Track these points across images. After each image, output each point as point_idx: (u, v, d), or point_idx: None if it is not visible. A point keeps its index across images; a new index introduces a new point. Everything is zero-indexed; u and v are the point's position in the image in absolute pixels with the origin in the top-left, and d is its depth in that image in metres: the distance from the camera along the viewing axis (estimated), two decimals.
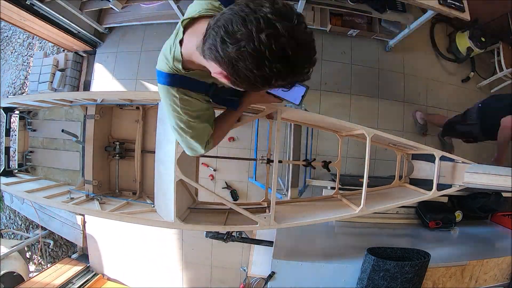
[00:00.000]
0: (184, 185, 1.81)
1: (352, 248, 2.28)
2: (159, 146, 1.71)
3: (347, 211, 1.76)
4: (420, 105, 3.42)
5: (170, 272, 3.41)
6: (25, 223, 4.16)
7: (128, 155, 2.22)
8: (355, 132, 1.81)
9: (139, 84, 3.40)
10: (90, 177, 2.07)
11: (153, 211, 1.77)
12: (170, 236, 3.33)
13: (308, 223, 1.66)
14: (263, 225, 1.57)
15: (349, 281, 1.91)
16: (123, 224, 3.30)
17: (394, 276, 1.78)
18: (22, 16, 2.82)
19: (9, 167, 2.28)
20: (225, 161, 3.12)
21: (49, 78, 3.50)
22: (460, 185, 1.71)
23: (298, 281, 1.92)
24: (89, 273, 3.50)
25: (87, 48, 3.54)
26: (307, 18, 3.24)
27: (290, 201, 2.08)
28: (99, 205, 1.84)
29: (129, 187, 2.24)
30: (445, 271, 1.99)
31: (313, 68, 0.72)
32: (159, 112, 1.72)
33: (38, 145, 2.43)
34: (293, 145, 2.11)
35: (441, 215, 2.69)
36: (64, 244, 3.91)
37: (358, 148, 3.15)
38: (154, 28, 3.44)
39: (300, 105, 1.32)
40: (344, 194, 2.12)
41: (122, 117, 2.23)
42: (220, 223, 1.68)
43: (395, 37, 3.26)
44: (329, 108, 3.24)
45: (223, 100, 1.18)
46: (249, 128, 3.15)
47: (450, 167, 1.82)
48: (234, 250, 3.26)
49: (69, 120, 2.36)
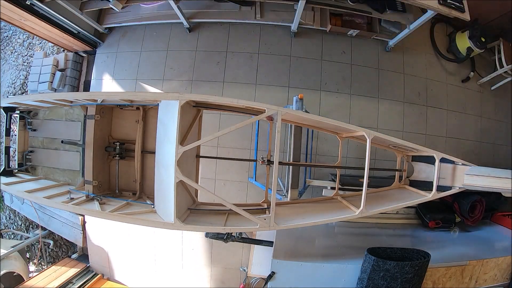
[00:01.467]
0: (184, 186, 1.81)
1: (352, 248, 2.29)
2: (159, 147, 1.71)
3: (347, 213, 1.76)
4: (420, 105, 3.43)
5: (170, 272, 3.42)
6: (25, 223, 4.16)
7: (128, 156, 2.21)
8: (356, 134, 1.81)
9: (139, 84, 3.39)
10: (90, 177, 2.07)
11: (153, 211, 1.77)
12: (170, 236, 3.33)
13: (307, 224, 1.67)
14: (263, 227, 1.58)
15: (349, 281, 1.92)
16: (123, 224, 3.32)
17: (394, 276, 1.79)
18: (22, 16, 2.81)
19: (9, 167, 2.28)
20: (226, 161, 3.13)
21: (49, 78, 3.49)
22: (460, 187, 1.71)
23: (298, 281, 1.92)
24: (89, 273, 3.51)
25: (87, 48, 3.54)
26: (307, 18, 3.24)
27: (290, 202, 2.08)
28: (99, 206, 1.83)
29: (129, 188, 2.24)
30: (445, 271, 2.00)
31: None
32: (160, 112, 1.72)
33: (38, 145, 2.42)
34: (294, 146, 2.11)
35: (441, 215, 2.69)
36: (64, 244, 3.91)
37: (358, 148, 3.15)
38: (154, 28, 3.44)
39: None
40: (344, 195, 2.13)
41: (122, 118, 2.22)
42: (220, 224, 1.69)
43: (395, 37, 3.25)
44: (329, 108, 3.24)
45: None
46: (249, 129, 3.15)
47: (450, 169, 1.82)
48: (234, 250, 3.27)
49: (69, 120, 2.35)
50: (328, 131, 2.15)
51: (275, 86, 3.27)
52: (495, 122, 3.68)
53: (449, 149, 3.45)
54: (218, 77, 3.31)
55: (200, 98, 1.65)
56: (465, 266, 2.05)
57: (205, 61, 3.34)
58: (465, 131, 3.55)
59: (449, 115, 3.50)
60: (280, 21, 3.25)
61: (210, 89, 3.29)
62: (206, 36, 3.39)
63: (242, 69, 3.31)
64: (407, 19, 2.99)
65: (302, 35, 3.34)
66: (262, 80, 3.28)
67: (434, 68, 3.56)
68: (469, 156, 3.51)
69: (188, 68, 3.34)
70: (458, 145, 3.50)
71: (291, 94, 3.21)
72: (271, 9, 3.26)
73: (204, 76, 3.32)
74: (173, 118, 1.48)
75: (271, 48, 3.33)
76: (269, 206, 1.77)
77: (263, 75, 3.29)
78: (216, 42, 3.36)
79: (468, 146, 3.55)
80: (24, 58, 4.37)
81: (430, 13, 2.68)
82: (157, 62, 3.39)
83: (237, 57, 3.33)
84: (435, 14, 2.66)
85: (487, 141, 3.63)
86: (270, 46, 3.34)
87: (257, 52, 3.32)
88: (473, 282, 2.12)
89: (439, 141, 3.45)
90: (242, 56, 3.33)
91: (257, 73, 3.29)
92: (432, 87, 3.48)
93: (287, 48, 3.33)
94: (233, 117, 3.10)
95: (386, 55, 3.42)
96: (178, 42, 3.40)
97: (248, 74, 3.30)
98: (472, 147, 3.56)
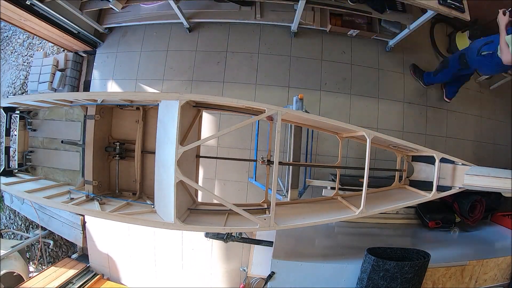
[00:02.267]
0: (184, 186, 1.81)
1: (352, 248, 2.29)
2: (159, 147, 1.71)
3: (346, 213, 1.76)
4: (420, 105, 3.43)
5: (170, 272, 3.42)
6: (25, 223, 4.16)
7: (128, 156, 2.21)
8: (356, 134, 1.81)
9: (138, 84, 3.39)
10: (90, 177, 2.07)
11: (153, 211, 1.77)
12: (170, 236, 3.33)
13: (307, 225, 1.67)
14: (263, 227, 1.58)
15: (349, 281, 1.91)
16: (123, 224, 3.32)
17: (394, 276, 1.79)
18: (22, 16, 2.81)
19: (9, 167, 2.28)
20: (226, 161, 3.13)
21: (49, 78, 3.49)
22: (460, 187, 1.71)
23: (298, 281, 1.92)
24: (89, 273, 3.51)
25: (87, 48, 3.54)
26: (307, 18, 3.24)
27: (290, 202, 2.08)
28: (99, 206, 1.83)
29: (129, 188, 2.24)
30: (445, 271, 2.00)
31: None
32: (160, 112, 1.72)
33: (38, 145, 2.42)
34: (293, 146, 2.11)
35: (441, 215, 2.69)
36: (64, 244, 3.90)
37: (358, 148, 3.15)
38: (154, 28, 3.44)
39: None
40: (344, 195, 2.13)
41: (122, 118, 2.22)
42: (220, 224, 1.68)
43: (395, 37, 3.26)
44: (329, 108, 3.24)
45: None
46: (249, 128, 3.15)
47: (450, 169, 1.82)
48: (234, 250, 3.27)
49: (69, 120, 2.35)
50: (328, 131, 2.15)
51: (275, 86, 3.27)
52: (495, 122, 3.68)
53: (449, 149, 3.45)
54: (218, 77, 3.31)
55: (200, 98, 1.65)
56: (465, 266, 2.05)
57: (205, 61, 3.35)
58: (465, 131, 3.55)
59: (449, 115, 3.50)
60: (280, 21, 3.25)
61: (210, 89, 3.29)
62: (206, 36, 3.39)
63: (242, 69, 3.31)
64: (407, 19, 2.99)
65: (302, 35, 3.34)
66: (262, 80, 3.28)
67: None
68: (469, 156, 3.51)
69: (188, 68, 3.34)
70: (458, 145, 3.50)
71: (291, 94, 3.21)
72: (271, 9, 3.26)
73: (204, 76, 3.32)
74: (173, 118, 1.48)
75: (271, 48, 3.33)
76: (269, 206, 1.77)
77: (263, 75, 3.29)
78: (216, 42, 3.36)
79: (468, 146, 3.55)
80: (24, 58, 4.36)
81: (430, 13, 2.68)
82: (157, 62, 3.39)
83: (237, 57, 3.33)
84: (435, 14, 2.66)
85: (487, 141, 3.63)
86: (270, 46, 3.34)
87: (257, 52, 3.33)
88: (473, 282, 2.12)
89: (439, 141, 3.45)
90: (242, 56, 3.33)
91: (257, 73, 3.29)
92: (432, 87, 3.48)
93: (287, 48, 3.33)
94: (233, 117, 3.11)
95: (386, 55, 3.42)
96: (178, 42, 3.40)
97: (248, 74, 3.30)
98: (472, 147, 3.56)
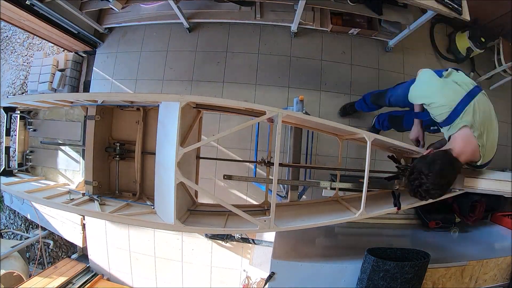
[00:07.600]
0: (184, 187, 1.81)
1: (352, 248, 2.29)
2: (159, 148, 1.71)
3: (346, 215, 1.76)
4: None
5: (170, 272, 3.42)
6: (25, 223, 4.17)
7: (128, 156, 2.21)
8: (356, 136, 1.81)
9: (139, 84, 3.39)
10: (90, 178, 2.07)
11: (153, 212, 1.77)
12: (170, 237, 3.34)
13: (307, 227, 1.66)
14: (262, 228, 1.57)
15: (349, 281, 1.92)
16: (123, 225, 3.33)
17: (394, 277, 1.79)
18: (22, 16, 2.81)
19: (9, 167, 2.29)
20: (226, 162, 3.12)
21: (49, 78, 3.49)
22: (460, 189, 1.71)
23: (298, 281, 1.92)
24: (89, 273, 3.51)
25: (87, 48, 3.53)
26: (307, 18, 3.24)
27: (289, 203, 2.08)
28: (99, 206, 1.83)
29: (129, 188, 2.24)
30: (445, 271, 2.00)
31: None
32: (160, 113, 1.72)
33: (38, 145, 2.43)
34: (293, 148, 2.11)
35: (441, 215, 2.70)
36: (64, 244, 3.91)
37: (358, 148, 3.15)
38: (154, 28, 3.44)
39: None
40: (344, 197, 2.13)
41: (122, 118, 2.22)
42: (220, 225, 1.69)
43: (395, 37, 3.25)
44: (329, 108, 3.24)
45: None
46: (249, 129, 3.15)
47: None
48: (234, 250, 3.27)
49: (70, 121, 2.36)
50: (328, 132, 2.15)
51: (275, 86, 3.27)
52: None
53: None
54: (218, 77, 3.30)
55: (201, 100, 1.64)
56: (465, 266, 2.05)
57: (205, 61, 3.34)
58: None
59: None
60: (280, 21, 3.25)
61: (210, 89, 3.29)
62: (206, 36, 3.38)
63: (242, 69, 3.30)
64: (407, 19, 2.98)
65: (302, 35, 3.34)
66: (262, 80, 3.28)
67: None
68: None
69: (188, 68, 3.33)
70: None
71: (291, 94, 3.21)
72: (271, 9, 3.26)
73: (204, 76, 3.32)
74: (173, 119, 1.48)
75: (271, 48, 3.33)
76: (269, 207, 1.78)
77: (263, 75, 3.29)
78: (216, 42, 3.35)
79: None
80: (24, 58, 4.36)
81: (430, 13, 2.68)
82: (157, 62, 3.39)
83: (237, 57, 3.33)
84: (435, 14, 2.66)
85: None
86: (270, 46, 3.33)
87: (257, 52, 3.32)
88: (473, 282, 2.13)
89: None
90: (242, 56, 3.32)
91: (257, 73, 3.29)
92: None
93: (287, 48, 3.33)
94: (233, 118, 3.10)
95: (386, 55, 3.42)
96: (178, 42, 3.40)
97: (248, 74, 3.29)
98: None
